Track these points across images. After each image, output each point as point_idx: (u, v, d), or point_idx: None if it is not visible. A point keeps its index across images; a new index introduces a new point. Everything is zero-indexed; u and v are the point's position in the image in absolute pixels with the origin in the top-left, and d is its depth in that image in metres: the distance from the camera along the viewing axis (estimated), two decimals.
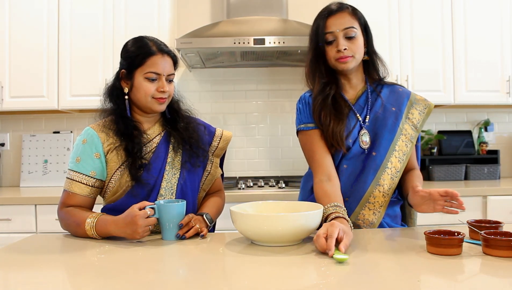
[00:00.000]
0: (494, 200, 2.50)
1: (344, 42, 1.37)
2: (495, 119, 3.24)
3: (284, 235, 1.12)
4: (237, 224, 1.17)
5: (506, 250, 0.98)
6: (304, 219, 1.13)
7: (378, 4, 2.79)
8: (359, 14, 1.43)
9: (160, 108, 1.39)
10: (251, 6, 2.80)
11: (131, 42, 1.42)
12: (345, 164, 1.41)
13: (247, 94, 3.15)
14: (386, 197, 1.41)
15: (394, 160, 1.42)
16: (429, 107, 1.51)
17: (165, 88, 1.35)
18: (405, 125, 1.45)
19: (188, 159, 1.42)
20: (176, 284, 0.90)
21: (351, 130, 1.42)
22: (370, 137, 1.42)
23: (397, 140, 1.43)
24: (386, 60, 2.75)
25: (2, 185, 3.10)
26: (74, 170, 1.34)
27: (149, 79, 1.34)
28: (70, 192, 1.34)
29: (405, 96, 1.49)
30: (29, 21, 2.73)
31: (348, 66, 1.40)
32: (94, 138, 1.35)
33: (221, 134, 1.55)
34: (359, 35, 1.40)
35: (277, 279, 0.91)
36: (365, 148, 1.42)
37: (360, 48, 1.41)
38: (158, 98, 1.36)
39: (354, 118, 1.44)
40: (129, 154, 1.33)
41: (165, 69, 1.36)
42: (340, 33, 1.38)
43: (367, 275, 0.93)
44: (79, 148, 1.36)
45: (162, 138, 1.42)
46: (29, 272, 0.97)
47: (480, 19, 2.84)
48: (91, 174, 1.34)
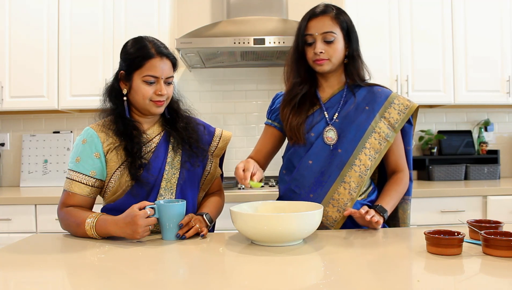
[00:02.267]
0: (494, 200, 2.50)
1: (321, 45, 1.41)
2: (495, 119, 3.24)
3: (284, 235, 1.12)
4: (237, 224, 1.17)
5: (506, 250, 0.98)
6: (303, 219, 1.13)
7: (378, 3, 2.79)
8: (343, 18, 1.44)
9: (158, 110, 1.38)
10: (251, 6, 2.80)
11: (131, 43, 1.41)
12: (310, 159, 1.44)
13: (247, 94, 3.15)
14: (352, 195, 1.41)
15: (363, 158, 1.42)
16: (410, 107, 1.48)
17: (163, 92, 1.35)
18: (379, 124, 1.45)
19: (187, 159, 1.42)
20: (175, 284, 0.90)
21: (314, 125, 1.45)
22: (336, 133, 1.44)
23: (368, 137, 1.43)
24: (386, 60, 2.80)
25: (2, 185, 3.10)
26: (74, 170, 1.34)
27: (147, 82, 1.34)
28: (70, 192, 1.33)
29: (383, 96, 1.50)
30: (29, 21, 2.74)
31: (323, 69, 1.44)
32: (94, 138, 1.35)
33: (220, 134, 1.55)
34: (338, 39, 1.42)
35: (277, 279, 0.91)
36: (330, 144, 1.43)
37: (338, 52, 1.43)
38: (156, 101, 1.36)
39: (321, 115, 1.47)
40: (128, 153, 1.33)
41: (164, 72, 1.35)
42: (319, 37, 1.41)
43: (367, 275, 0.93)
44: (79, 148, 1.35)
45: (161, 138, 1.42)
46: (29, 272, 0.97)
47: (480, 19, 2.84)
48: (91, 174, 1.34)
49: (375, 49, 2.79)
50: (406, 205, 1.52)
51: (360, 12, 2.78)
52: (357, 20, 2.78)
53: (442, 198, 2.49)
